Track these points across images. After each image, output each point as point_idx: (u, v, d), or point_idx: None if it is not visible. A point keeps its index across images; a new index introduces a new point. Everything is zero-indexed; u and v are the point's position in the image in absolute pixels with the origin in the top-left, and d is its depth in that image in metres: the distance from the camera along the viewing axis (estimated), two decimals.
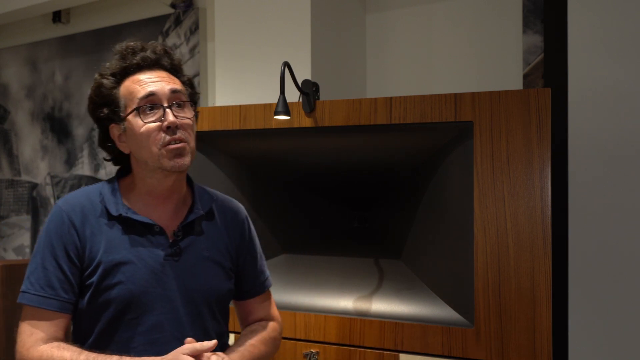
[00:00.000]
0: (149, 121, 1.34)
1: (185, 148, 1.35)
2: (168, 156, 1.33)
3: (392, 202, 2.19)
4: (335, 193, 2.30)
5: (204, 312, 1.41)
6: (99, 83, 1.39)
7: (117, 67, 1.38)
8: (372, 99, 1.88)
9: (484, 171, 1.74)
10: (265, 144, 2.09)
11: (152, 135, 1.33)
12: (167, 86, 1.36)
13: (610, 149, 1.92)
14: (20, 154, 4.03)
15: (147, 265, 1.35)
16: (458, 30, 2.62)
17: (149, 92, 1.34)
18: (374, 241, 2.23)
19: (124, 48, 1.40)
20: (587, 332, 1.94)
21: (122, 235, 1.35)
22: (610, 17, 1.92)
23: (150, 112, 1.34)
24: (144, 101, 1.34)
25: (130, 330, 1.33)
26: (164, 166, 1.34)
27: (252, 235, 1.58)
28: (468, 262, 1.77)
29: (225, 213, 1.51)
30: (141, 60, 1.37)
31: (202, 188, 1.52)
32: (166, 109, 1.34)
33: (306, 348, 1.96)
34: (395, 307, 1.89)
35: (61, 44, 3.75)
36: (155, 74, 1.38)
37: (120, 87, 1.37)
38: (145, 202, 1.40)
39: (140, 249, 1.35)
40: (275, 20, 2.57)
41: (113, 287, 1.32)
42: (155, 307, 1.34)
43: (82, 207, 1.37)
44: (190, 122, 1.39)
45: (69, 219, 1.35)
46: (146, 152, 1.34)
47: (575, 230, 1.96)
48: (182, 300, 1.37)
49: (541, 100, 1.69)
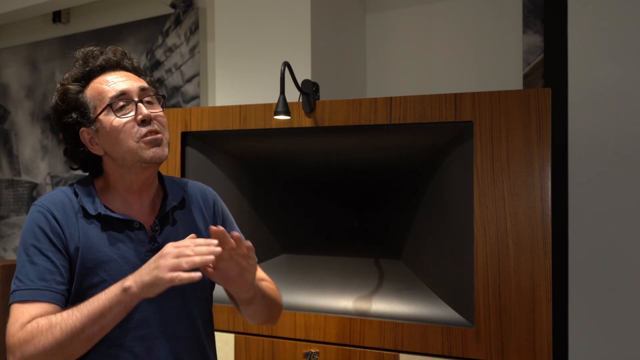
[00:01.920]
0: (124, 116, 1.36)
1: (161, 139, 1.37)
2: (147, 147, 1.35)
3: (392, 202, 2.19)
4: (335, 193, 2.30)
5: (190, 303, 1.42)
6: (64, 89, 1.40)
7: (80, 72, 1.40)
8: (372, 99, 1.88)
9: (484, 171, 1.74)
10: (265, 144, 2.09)
11: (128, 130, 1.35)
12: (136, 83, 1.39)
13: (610, 149, 1.92)
14: (20, 154, 4.03)
15: (129, 262, 1.35)
16: (458, 30, 2.62)
17: (120, 91, 1.37)
18: (374, 241, 2.23)
19: (85, 53, 1.42)
20: (587, 332, 1.94)
21: (101, 233, 1.35)
22: (610, 17, 1.92)
23: (123, 108, 1.36)
24: (116, 99, 1.36)
25: (117, 327, 1.31)
26: (144, 158, 1.35)
27: (226, 213, 1.58)
28: (468, 262, 1.77)
29: (196, 198, 1.52)
30: (104, 62, 1.40)
31: (171, 179, 1.53)
32: (138, 103, 1.37)
33: (306, 348, 1.96)
34: (395, 307, 1.89)
35: (61, 44, 3.75)
36: (120, 73, 1.41)
37: (87, 90, 1.39)
38: (122, 200, 1.41)
39: (120, 246, 1.35)
40: (275, 20, 2.57)
41: (97, 286, 1.31)
42: (140, 303, 1.32)
43: (62, 204, 1.37)
44: (163, 116, 1.41)
45: (51, 213, 1.34)
46: (123, 147, 1.36)
47: (575, 230, 1.96)
48: (167, 295, 1.35)
49: (541, 100, 1.69)
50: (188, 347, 1.41)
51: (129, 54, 1.47)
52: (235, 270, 1.32)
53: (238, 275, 1.33)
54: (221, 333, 2.09)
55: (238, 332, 2.07)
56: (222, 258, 1.29)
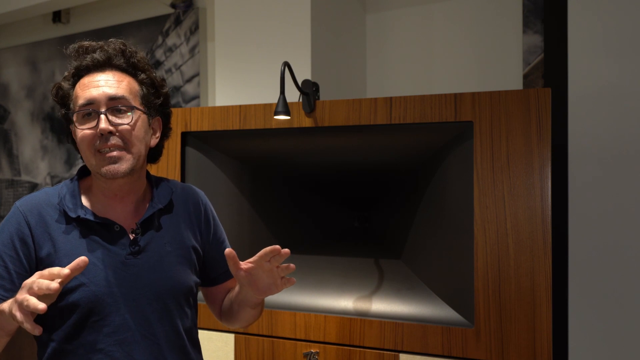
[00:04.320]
0: (85, 127, 1.33)
1: (118, 156, 1.33)
2: (101, 163, 1.33)
3: (392, 202, 2.19)
4: (335, 193, 2.30)
5: (172, 307, 1.39)
6: (59, 84, 1.39)
7: (72, 68, 1.38)
8: (372, 99, 1.88)
9: (484, 171, 1.74)
10: (265, 144, 2.09)
11: (87, 141, 1.33)
12: (108, 92, 1.34)
13: (610, 149, 1.92)
14: (20, 154, 4.03)
15: (108, 265, 1.33)
16: (458, 30, 2.62)
17: (87, 100, 1.33)
18: (374, 241, 2.23)
19: (77, 48, 1.39)
20: (587, 332, 1.94)
21: (80, 237, 1.34)
22: (610, 17, 1.92)
23: (88, 117, 1.33)
24: (81, 108, 1.33)
25: (95, 332, 1.31)
26: (100, 172, 1.34)
27: (216, 220, 1.57)
28: (468, 262, 1.77)
29: (186, 202, 1.50)
30: (90, 61, 1.36)
31: (161, 181, 1.50)
32: (100, 114, 1.32)
33: (306, 348, 1.96)
34: (395, 307, 1.89)
35: (61, 44, 3.73)
36: (104, 75, 1.36)
37: (75, 88, 1.37)
38: (104, 203, 1.39)
39: (100, 249, 1.34)
40: (275, 21, 2.57)
41: (74, 290, 1.30)
42: (120, 306, 1.32)
43: (39, 208, 1.35)
44: (129, 128, 1.34)
45: (25, 218, 1.33)
46: (85, 157, 1.35)
47: (575, 230, 1.96)
48: (148, 298, 1.35)
49: (541, 100, 1.69)
50: (170, 352, 1.38)
51: (129, 47, 1.42)
52: (267, 282, 1.34)
53: (266, 287, 1.35)
54: (221, 333, 2.09)
55: (238, 332, 2.07)
56: (262, 268, 1.31)
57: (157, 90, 1.44)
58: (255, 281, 1.35)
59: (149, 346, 1.35)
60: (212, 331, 2.10)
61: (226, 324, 1.59)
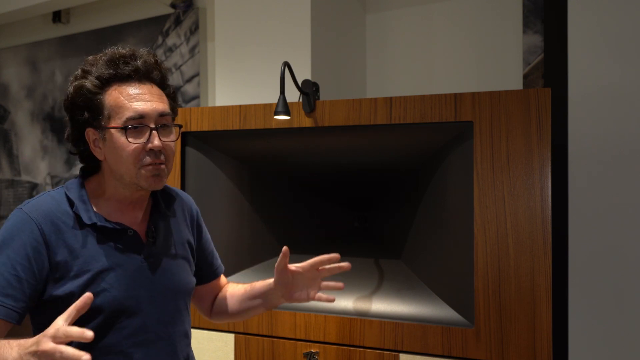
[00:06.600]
0: (134, 142, 1.31)
1: (164, 170, 1.34)
2: (146, 176, 1.32)
3: (392, 202, 2.19)
4: (335, 193, 2.30)
5: (181, 307, 1.44)
6: (81, 84, 1.32)
7: (105, 72, 1.32)
8: (372, 99, 1.88)
9: (484, 171, 1.74)
10: (265, 144, 2.09)
11: (134, 154, 1.31)
12: (158, 107, 1.33)
13: (610, 149, 1.92)
14: (20, 154, 4.03)
15: (126, 270, 1.34)
16: (458, 30, 2.62)
17: (139, 114, 1.30)
18: (374, 241, 2.22)
19: (114, 53, 1.35)
20: (587, 332, 1.94)
21: (97, 243, 1.33)
22: (610, 17, 1.92)
23: (136, 131, 1.31)
24: (132, 122, 1.30)
25: (116, 334, 1.32)
26: (141, 185, 1.33)
27: (204, 228, 1.62)
28: (468, 262, 1.77)
29: (181, 207, 1.53)
30: (132, 72, 1.33)
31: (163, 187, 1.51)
32: (153, 130, 1.31)
33: (306, 348, 1.96)
34: (395, 307, 1.89)
35: (61, 44, 3.75)
36: (146, 88, 1.34)
37: (105, 94, 1.32)
38: (115, 208, 1.38)
39: (117, 254, 1.34)
40: (275, 20, 2.57)
41: (96, 296, 1.29)
42: (140, 309, 1.34)
43: (51, 215, 1.31)
44: (173, 146, 1.37)
45: (38, 227, 1.29)
46: (124, 168, 1.32)
47: (575, 230, 1.96)
48: (164, 299, 1.38)
49: (541, 100, 1.69)
50: (181, 351, 1.42)
51: (160, 62, 1.39)
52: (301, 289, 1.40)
53: (297, 295, 1.41)
54: (221, 333, 2.09)
55: (238, 332, 2.07)
56: (306, 274, 1.37)
57: (175, 103, 1.44)
58: (292, 285, 1.40)
59: (165, 346, 1.38)
60: (212, 331, 2.10)
61: (217, 319, 1.66)
